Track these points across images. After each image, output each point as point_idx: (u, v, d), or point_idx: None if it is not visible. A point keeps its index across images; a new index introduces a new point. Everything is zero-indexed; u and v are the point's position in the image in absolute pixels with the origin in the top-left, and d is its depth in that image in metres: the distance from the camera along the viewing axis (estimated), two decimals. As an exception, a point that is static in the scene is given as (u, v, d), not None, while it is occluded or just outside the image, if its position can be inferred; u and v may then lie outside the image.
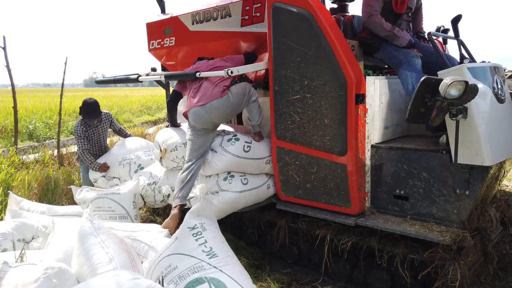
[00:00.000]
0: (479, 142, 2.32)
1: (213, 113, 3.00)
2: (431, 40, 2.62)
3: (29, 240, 3.04)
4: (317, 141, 2.76)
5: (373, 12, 2.91)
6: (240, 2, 3.14)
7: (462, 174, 2.41)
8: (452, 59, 2.91)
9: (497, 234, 2.84)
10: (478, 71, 2.48)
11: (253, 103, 3.13)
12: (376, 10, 2.92)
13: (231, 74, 2.90)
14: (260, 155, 3.13)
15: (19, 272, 1.97)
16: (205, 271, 2.02)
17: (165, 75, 3.52)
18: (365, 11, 2.97)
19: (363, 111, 2.63)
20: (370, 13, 2.92)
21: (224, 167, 3.04)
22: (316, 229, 3.01)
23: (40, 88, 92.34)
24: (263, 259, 3.41)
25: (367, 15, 2.95)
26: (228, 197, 3.02)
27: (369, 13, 2.93)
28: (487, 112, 2.43)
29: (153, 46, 4.00)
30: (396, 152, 2.66)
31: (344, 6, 3.67)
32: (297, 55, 2.74)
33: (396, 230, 2.50)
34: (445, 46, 3.70)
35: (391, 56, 2.93)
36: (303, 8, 2.66)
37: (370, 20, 2.93)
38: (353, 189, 2.67)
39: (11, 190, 4.03)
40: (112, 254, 2.18)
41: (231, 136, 3.13)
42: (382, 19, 2.92)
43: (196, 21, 3.51)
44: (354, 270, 2.95)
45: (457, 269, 2.39)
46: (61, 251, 2.60)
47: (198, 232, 2.20)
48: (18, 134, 6.59)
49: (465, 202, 2.42)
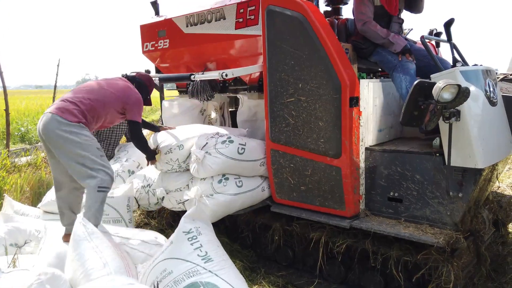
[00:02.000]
0: (471, 145, 2.34)
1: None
2: (424, 43, 2.64)
3: (22, 245, 3.01)
4: (311, 143, 2.77)
5: (367, 19, 2.92)
6: (235, 5, 3.14)
7: (455, 176, 2.43)
8: (445, 62, 2.94)
9: (489, 236, 2.87)
10: (470, 74, 2.50)
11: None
12: (369, 17, 2.93)
13: (225, 77, 2.90)
14: (255, 157, 3.13)
15: (11, 277, 1.95)
16: (201, 275, 2.01)
17: (160, 78, 3.51)
18: (358, 19, 2.97)
19: (357, 114, 2.64)
20: (364, 20, 2.93)
21: (218, 169, 3.03)
22: (311, 231, 3.01)
23: (32, 89, 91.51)
24: (257, 262, 3.41)
25: (361, 23, 2.95)
26: (223, 200, 3.01)
27: (362, 20, 2.94)
28: (479, 115, 2.45)
29: (147, 48, 3.98)
30: (390, 155, 2.68)
31: (338, 9, 3.69)
32: (292, 58, 2.75)
33: (390, 233, 2.51)
34: (438, 49, 3.74)
35: (385, 60, 2.95)
36: (297, 11, 2.67)
37: (365, 28, 2.94)
38: (347, 191, 2.68)
39: (3, 193, 3.99)
40: (106, 259, 2.16)
41: (225, 138, 3.12)
42: (377, 25, 2.92)
43: (191, 24, 3.50)
44: (348, 272, 2.96)
45: (451, 271, 2.41)
46: (54, 256, 2.58)
47: (193, 236, 2.19)
48: (10, 136, 6.53)
49: (458, 204, 2.44)
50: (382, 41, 2.91)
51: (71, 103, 2.82)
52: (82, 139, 2.73)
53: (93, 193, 2.71)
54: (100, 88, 2.96)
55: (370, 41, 2.99)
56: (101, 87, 2.98)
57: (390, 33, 2.93)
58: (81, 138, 2.73)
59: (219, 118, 4.08)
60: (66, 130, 2.70)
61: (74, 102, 2.82)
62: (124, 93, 3.01)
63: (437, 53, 3.77)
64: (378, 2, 2.98)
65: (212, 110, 4.12)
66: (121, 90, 3.01)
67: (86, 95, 2.89)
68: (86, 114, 2.82)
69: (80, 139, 2.73)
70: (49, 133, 2.73)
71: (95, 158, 2.76)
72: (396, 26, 3.13)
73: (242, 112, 3.66)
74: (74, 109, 2.79)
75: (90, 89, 2.96)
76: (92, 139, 2.82)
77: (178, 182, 3.29)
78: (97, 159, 2.77)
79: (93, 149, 2.78)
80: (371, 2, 2.95)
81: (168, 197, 3.32)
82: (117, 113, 3.02)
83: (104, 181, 2.75)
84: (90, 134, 2.82)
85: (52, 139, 2.74)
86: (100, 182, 2.73)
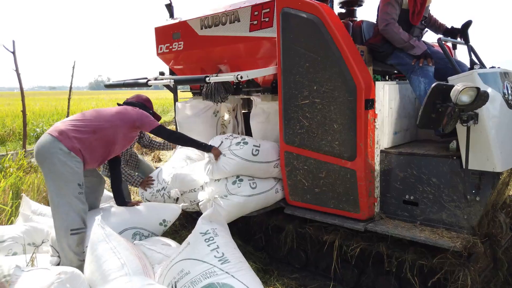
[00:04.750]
0: (489, 148, 2.31)
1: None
2: (441, 45, 2.61)
3: (39, 244, 3.06)
4: (326, 146, 2.76)
5: (391, 20, 2.86)
6: (249, 7, 3.15)
7: (472, 180, 2.41)
8: (462, 65, 2.90)
9: (507, 240, 2.83)
10: (488, 76, 2.47)
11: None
12: (393, 19, 2.87)
13: (240, 79, 2.91)
14: (268, 159, 3.13)
15: (31, 276, 1.99)
16: (217, 276, 2.02)
17: (175, 80, 3.54)
18: (382, 19, 2.91)
19: (372, 116, 2.63)
20: (388, 21, 2.86)
21: (232, 171, 3.04)
22: (324, 234, 3.00)
23: (46, 91, 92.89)
24: (270, 264, 3.41)
25: (384, 23, 2.89)
26: (237, 201, 3.02)
27: (386, 21, 2.87)
28: (497, 117, 2.42)
29: (162, 50, 4.02)
30: (406, 158, 2.66)
31: (353, 11, 3.67)
32: (306, 60, 2.75)
33: (406, 236, 2.49)
34: (454, 51, 3.70)
35: (403, 63, 2.90)
36: (312, 14, 2.67)
37: (388, 29, 2.88)
38: (362, 194, 2.67)
39: (20, 193, 4.06)
40: (124, 260, 2.18)
41: (239, 139, 3.14)
42: (400, 28, 2.87)
43: (205, 26, 3.53)
44: (362, 276, 2.94)
45: (467, 275, 2.38)
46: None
47: (210, 237, 2.20)
48: (26, 137, 6.64)
49: (476, 208, 2.42)
50: (403, 44, 2.86)
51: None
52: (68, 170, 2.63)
53: (66, 236, 2.59)
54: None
55: (387, 44, 2.96)
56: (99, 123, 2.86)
57: (411, 37, 2.89)
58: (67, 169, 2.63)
59: (232, 120, 4.10)
60: (61, 158, 2.62)
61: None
62: (121, 116, 2.93)
63: (453, 55, 3.73)
64: (406, 5, 2.93)
65: (225, 112, 4.14)
66: (117, 117, 2.92)
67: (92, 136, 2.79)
68: (83, 152, 2.73)
69: (66, 170, 2.62)
70: (44, 154, 2.66)
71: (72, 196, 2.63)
72: (417, 31, 3.09)
73: (255, 114, 3.66)
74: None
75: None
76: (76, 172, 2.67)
77: (192, 183, 3.31)
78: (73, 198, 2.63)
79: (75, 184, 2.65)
80: (398, 4, 2.89)
81: (183, 197, 3.34)
82: (126, 130, 2.94)
83: (74, 222, 2.61)
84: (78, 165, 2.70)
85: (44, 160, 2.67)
86: (71, 224, 2.60)
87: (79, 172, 2.70)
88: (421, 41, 2.93)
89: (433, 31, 3.32)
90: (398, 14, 2.90)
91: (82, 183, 2.70)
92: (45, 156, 2.65)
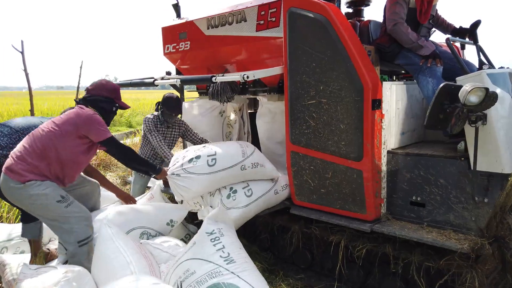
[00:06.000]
0: (498, 149, 2.29)
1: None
2: (449, 45, 2.59)
3: (46, 243, 3.08)
4: (332, 146, 2.75)
5: (399, 20, 2.84)
6: (256, 7, 3.15)
7: (481, 181, 2.38)
8: (470, 65, 2.88)
9: (515, 242, 2.80)
10: (497, 77, 2.45)
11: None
12: (402, 18, 2.85)
13: (247, 79, 2.91)
14: (230, 163, 2.92)
15: (39, 274, 2.00)
16: (223, 276, 2.02)
17: (182, 79, 3.55)
18: (390, 19, 2.89)
19: (379, 117, 2.61)
20: (396, 20, 2.84)
21: (199, 189, 2.88)
22: (330, 234, 2.99)
23: (54, 90, 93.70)
24: (276, 264, 3.41)
25: (392, 23, 2.87)
26: (235, 215, 2.91)
27: (395, 20, 2.85)
28: (506, 118, 2.39)
29: (168, 50, 4.03)
30: (413, 158, 2.64)
31: (360, 11, 3.66)
32: (313, 60, 2.74)
33: (413, 237, 2.47)
34: (462, 51, 3.67)
35: (411, 63, 2.88)
36: (319, 14, 2.66)
37: (396, 28, 2.86)
38: (368, 195, 2.65)
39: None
40: (130, 259, 2.19)
41: (192, 155, 2.94)
42: (408, 28, 2.85)
43: (211, 26, 3.53)
44: (368, 277, 2.92)
45: (475, 278, 2.36)
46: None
47: (216, 237, 2.20)
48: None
49: (484, 210, 2.39)
50: (411, 45, 2.84)
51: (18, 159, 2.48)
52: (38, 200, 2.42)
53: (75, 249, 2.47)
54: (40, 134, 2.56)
55: (395, 44, 2.94)
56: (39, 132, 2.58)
57: (420, 37, 2.87)
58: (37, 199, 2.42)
59: (239, 120, 4.10)
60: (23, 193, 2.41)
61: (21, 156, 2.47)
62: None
63: (462, 55, 3.69)
64: (413, 4, 2.91)
65: (231, 111, 4.14)
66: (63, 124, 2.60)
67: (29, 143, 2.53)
68: (37, 165, 2.46)
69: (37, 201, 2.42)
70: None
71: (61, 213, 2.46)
72: (425, 30, 3.07)
73: (261, 114, 3.66)
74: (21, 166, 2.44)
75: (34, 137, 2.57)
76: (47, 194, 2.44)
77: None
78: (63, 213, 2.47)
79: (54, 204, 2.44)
80: (405, 3, 2.88)
81: (186, 200, 3.33)
82: (74, 142, 2.57)
83: (79, 234, 2.48)
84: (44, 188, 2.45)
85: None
86: (78, 237, 2.47)
87: (50, 191, 2.45)
88: (429, 41, 2.91)
89: (441, 31, 3.30)
90: (406, 13, 2.88)
91: (63, 195, 2.49)
92: (8, 195, 2.50)
